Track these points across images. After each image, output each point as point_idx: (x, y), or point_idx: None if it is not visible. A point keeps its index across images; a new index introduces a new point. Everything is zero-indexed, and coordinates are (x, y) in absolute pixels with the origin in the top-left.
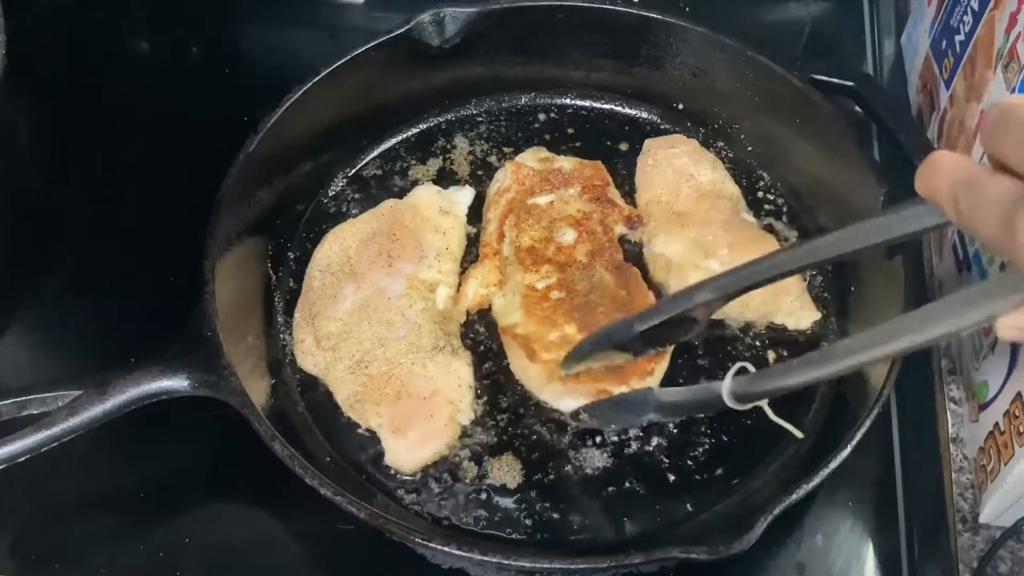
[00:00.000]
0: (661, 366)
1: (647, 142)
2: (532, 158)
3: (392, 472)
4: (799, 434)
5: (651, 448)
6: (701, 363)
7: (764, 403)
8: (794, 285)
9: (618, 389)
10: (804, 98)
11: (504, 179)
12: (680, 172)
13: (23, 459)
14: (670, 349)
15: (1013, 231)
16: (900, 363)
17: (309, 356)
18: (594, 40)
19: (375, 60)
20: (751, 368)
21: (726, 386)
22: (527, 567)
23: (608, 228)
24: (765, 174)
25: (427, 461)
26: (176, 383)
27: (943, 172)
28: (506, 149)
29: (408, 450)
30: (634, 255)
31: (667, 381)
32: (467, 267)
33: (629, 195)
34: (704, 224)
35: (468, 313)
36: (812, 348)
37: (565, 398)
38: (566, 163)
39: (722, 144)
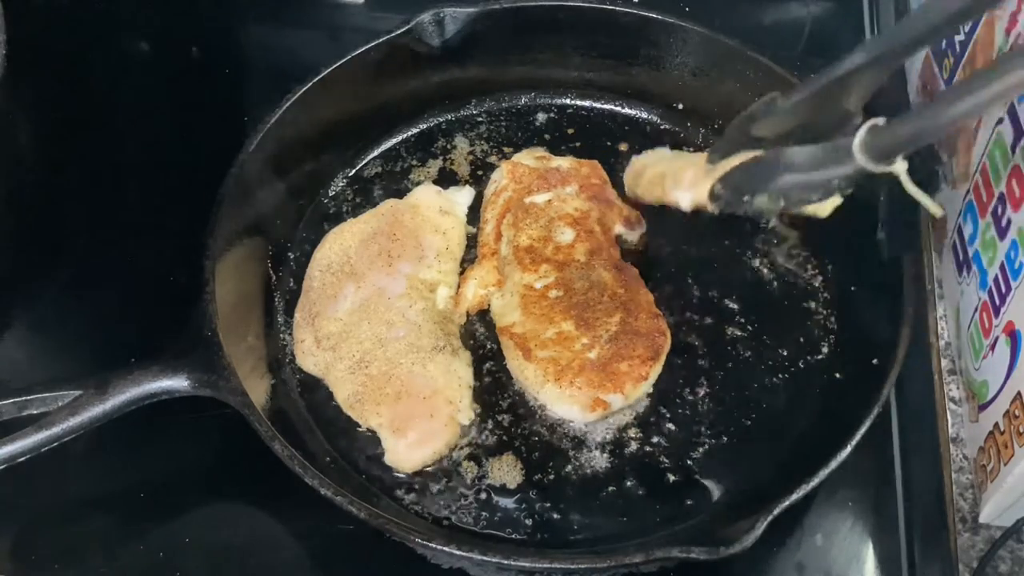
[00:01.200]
0: (655, 369)
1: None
2: (528, 157)
3: (392, 472)
4: (937, 210)
5: (651, 448)
6: (701, 363)
7: (903, 173)
8: None
9: (613, 396)
10: None
11: (500, 179)
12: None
13: (23, 459)
14: (663, 354)
15: None
16: (900, 363)
17: (309, 356)
18: (594, 40)
19: (375, 60)
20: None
21: (859, 137)
22: (527, 567)
23: (606, 227)
24: None
25: (427, 461)
26: (176, 383)
27: None
28: (506, 149)
29: (408, 450)
30: (632, 254)
31: (666, 382)
32: (466, 267)
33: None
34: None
35: (468, 314)
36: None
37: (561, 401)
38: (563, 162)
39: None
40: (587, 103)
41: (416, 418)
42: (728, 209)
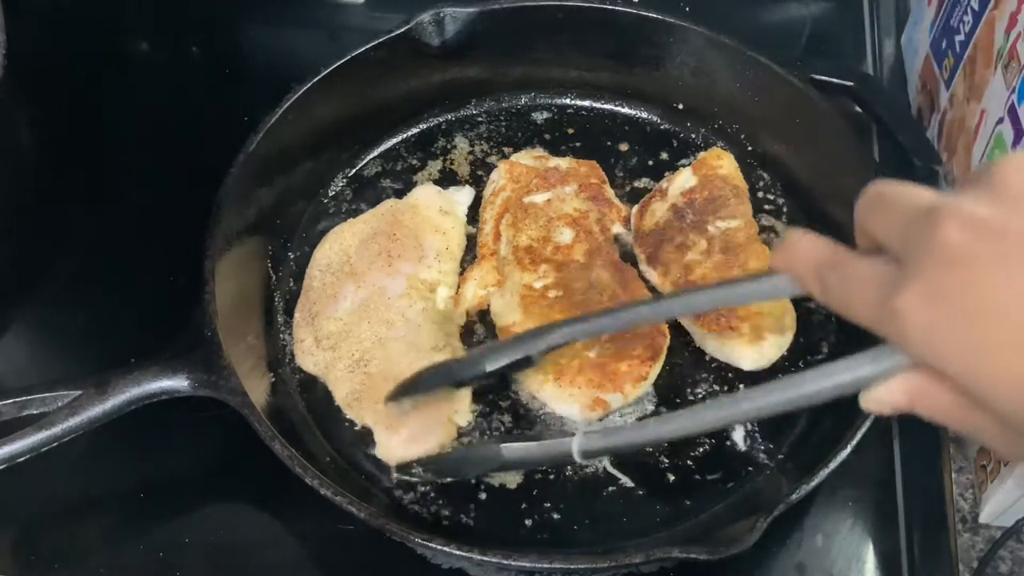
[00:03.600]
0: (655, 369)
1: None
2: (527, 157)
3: (392, 472)
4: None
5: (651, 448)
6: (701, 363)
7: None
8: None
9: (613, 395)
10: (804, 98)
11: (498, 179)
12: None
13: (23, 459)
14: (663, 354)
15: (892, 313)
16: None
17: (309, 356)
18: (594, 40)
19: (375, 60)
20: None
21: (577, 441)
22: (527, 567)
23: (605, 227)
24: (765, 174)
25: (416, 457)
26: (176, 383)
27: (805, 253)
28: (506, 149)
29: (399, 446)
30: (630, 254)
31: (666, 381)
32: (466, 267)
33: (628, 195)
34: None
35: (468, 314)
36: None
37: (561, 401)
38: (562, 162)
39: (722, 144)
40: (587, 103)
41: (411, 416)
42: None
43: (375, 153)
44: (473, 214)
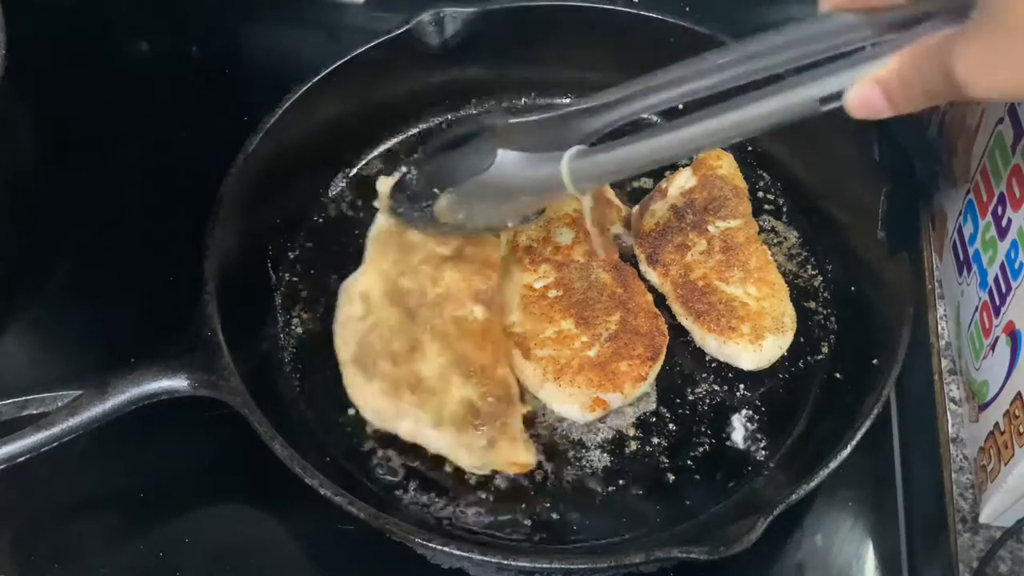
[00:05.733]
0: (655, 369)
1: None
2: None
3: (392, 472)
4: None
5: (651, 448)
6: (700, 363)
7: (587, 207)
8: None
9: (613, 395)
10: None
11: None
12: None
13: (23, 459)
14: (663, 354)
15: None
16: (900, 363)
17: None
18: (594, 40)
19: (375, 60)
20: None
21: (568, 156)
22: (527, 567)
23: (605, 227)
24: (765, 174)
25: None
26: (176, 383)
27: None
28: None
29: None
30: (630, 254)
31: (666, 381)
32: None
33: (628, 195)
34: None
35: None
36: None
37: (561, 400)
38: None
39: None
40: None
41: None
42: (403, 219)
43: (375, 153)
44: None
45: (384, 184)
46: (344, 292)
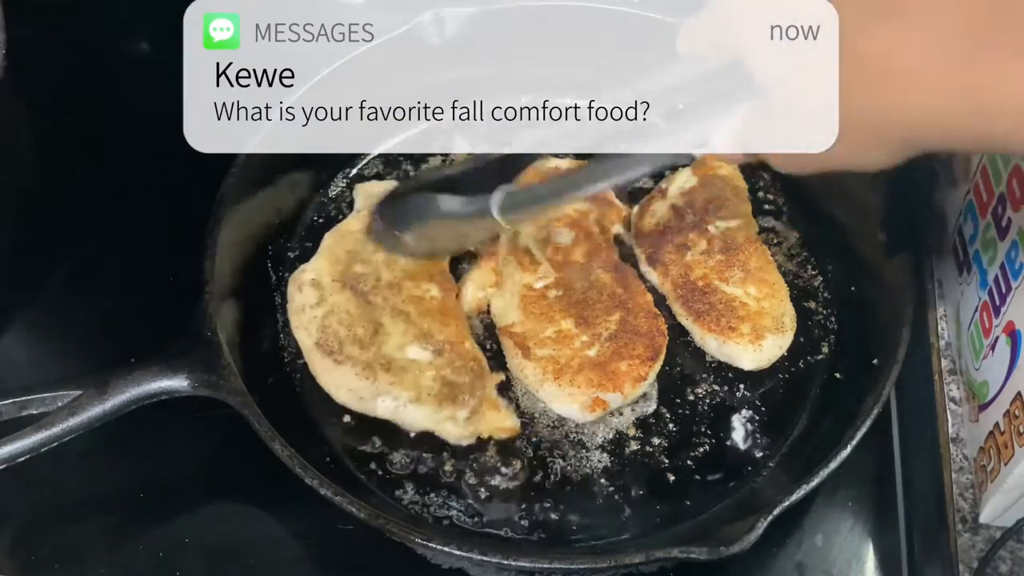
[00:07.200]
0: (655, 369)
1: None
2: None
3: (392, 472)
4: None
5: (651, 448)
6: (700, 363)
7: (523, 233)
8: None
9: (613, 395)
10: None
11: None
12: None
13: (23, 459)
14: (663, 354)
15: None
16: (900, 363)
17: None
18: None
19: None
20: None
21: (496, 197)
22: (527, 567)
23: (604, 228)
24: (765, 174)
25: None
26: (176, 383)
27: None
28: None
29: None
30: (630, 254)
31: (666, 381)
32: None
33: (628, 195)
34: None
35: (468, 316)
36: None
37: (561, 400)
38: (562, 163)
39: None
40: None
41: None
42: (382, 242)
43: (375, 153)
44: None
45: (363, 192)
46: (293, 282)
